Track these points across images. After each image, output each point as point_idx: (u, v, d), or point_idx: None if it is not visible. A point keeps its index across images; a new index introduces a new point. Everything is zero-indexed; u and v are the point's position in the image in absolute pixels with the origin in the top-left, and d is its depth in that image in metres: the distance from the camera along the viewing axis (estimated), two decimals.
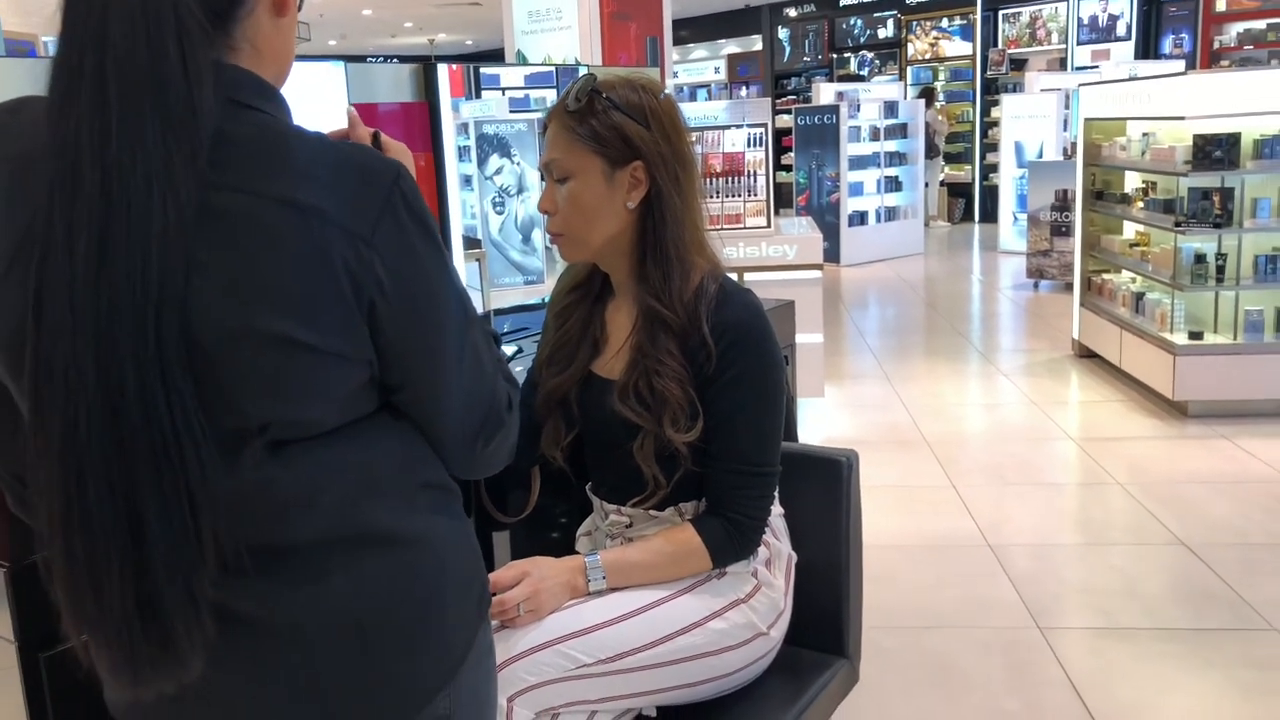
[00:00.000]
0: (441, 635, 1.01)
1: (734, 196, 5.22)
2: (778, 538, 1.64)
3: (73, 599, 0.85)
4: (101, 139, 0.80)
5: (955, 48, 14.21)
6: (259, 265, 0.84)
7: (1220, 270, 4.97)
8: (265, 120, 0.90)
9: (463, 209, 6.93)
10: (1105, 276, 6.06)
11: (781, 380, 1.56)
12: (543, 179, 1.56)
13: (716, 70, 17.80)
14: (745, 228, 5.15)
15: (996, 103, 12.23)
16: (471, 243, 6.29)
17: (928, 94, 13.13)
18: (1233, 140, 4.81)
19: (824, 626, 1.76)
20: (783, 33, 16.33)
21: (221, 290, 0.84)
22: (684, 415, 1.49)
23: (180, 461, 0.83)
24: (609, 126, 1.49)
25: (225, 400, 0.86)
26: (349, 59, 2.68)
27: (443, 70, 2.89)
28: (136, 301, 0.80)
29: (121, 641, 0.85)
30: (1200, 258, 5.00)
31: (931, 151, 12.36)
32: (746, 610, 1.56)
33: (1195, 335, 5.00)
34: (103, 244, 0.80)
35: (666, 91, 1.59)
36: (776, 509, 1.66)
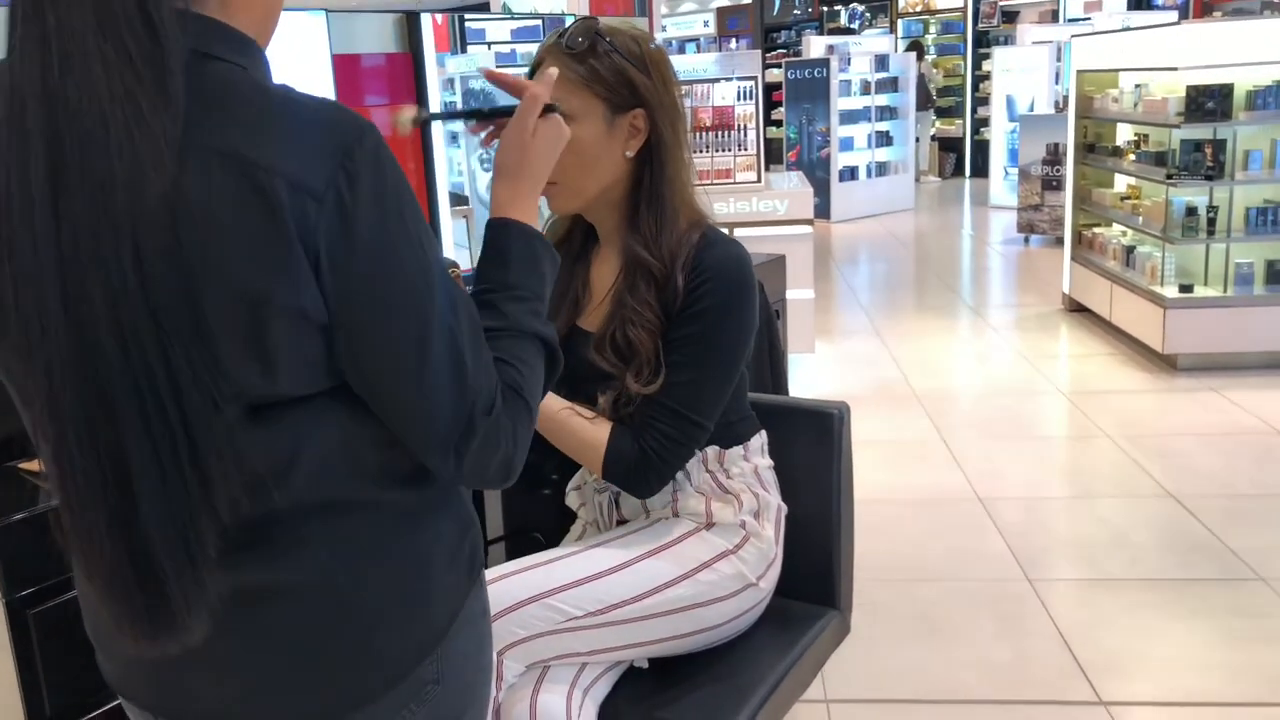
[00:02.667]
0: (427, 601, 0.98)
1: (724, 151, 5.18)
2: (766, 489, 1.63)
3: (73, 549, 0.85)
4: (43, 72, 0.77)
5: (946, 0, 14.06)
6: (210, 219, 0.80)
7: (1211, 223, 4.96)
8: (229, 73, 0.84)
9: (450, 166, 6.86)
10: (1096, 230, 6.05)
11: (742, 339, 1.51)
12: None
13: (705, 24, 17.57)
14: (735, 183, 5.11)
15: (988, 56, 12.14)
16: (458, 200, 6.23)
17: (916, 47, 13.01)
18: (1226, 91, 4.78)
19: (815, 578, 1.76)
20: None
21: (179, 247, 0.80)
22: (649, 368, 1.47)
23: (177, 407, 0.80)
24: (613, 70, 1.45)
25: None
26: (333, 12, 2.63)
27: (426, 20, 2.84)
28: (101, 236, 0.77)
29: (117, 595, 0.84)
30: (1191, 210, 4.98)
31: (927, 102, 12.28)
32: (735, 561, 1.55)
33: (1185, 288, 5.00)
34: (55, 179, 0.77)
35: (656, 42, 1.56)
36: (765, 460, 1.66)
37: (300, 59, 2.88)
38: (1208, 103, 4.79)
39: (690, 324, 1.47)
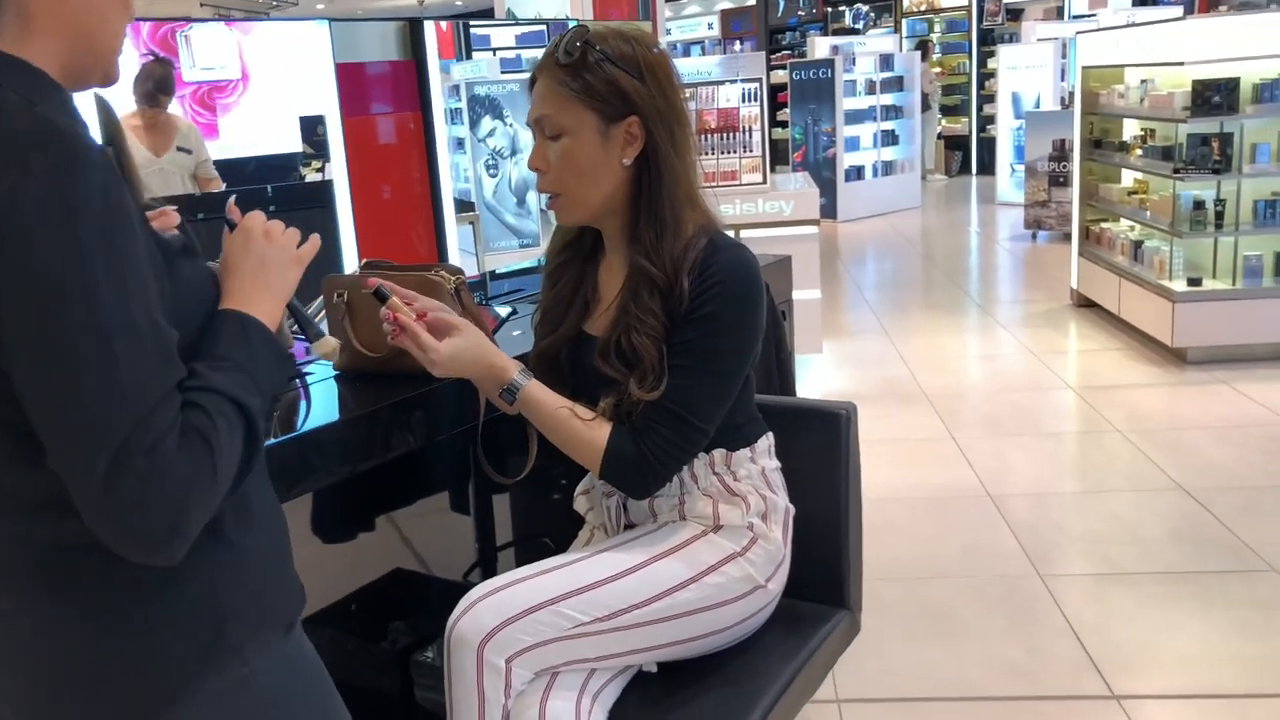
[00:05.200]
0: (114, 683, 0.98)
1: (729, 153, 5.18)
2: (774, 491, 1.63)
3: None
4: None
5: None
6: None
7: (1219, 216, 4.94)
8: None
9: (455, 172, 6.87)
10: (1104, 225, 6.03)
11: (746, 345, 1.51)
12: (533, 136, 1.53)
13: (710, 26, 17.60)
14: (741, 184, 5.12)
15: (993, 54, 12.12)
16: (464, 206, 6.25)
17: (923, 47, 13.01)
18: (1232, 85, 4.76)
19: (824, 578, 1.76)
20: None
21: None
22: (653, 375, 1.46)
23: None
24: (603, 80, 1.45)
25: None
26: (335, 20, 2.64)
27: (430, 28, 2.85)
28: None
29: None
30: (1199, 204, 4.97)
31: (923, 105, 12.29)
32: (743, 563, 1.55)
33: (1194, 282, 4.99)
34: None
35: (660, 45, 1.56)
36: (773, 462, 1.66)
37: (303, 68, 2.91)
38: (1214, 97, 4.78)
39: (694, 328, 1.47)
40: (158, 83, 4.17)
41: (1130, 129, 5.81)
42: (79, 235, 0.86)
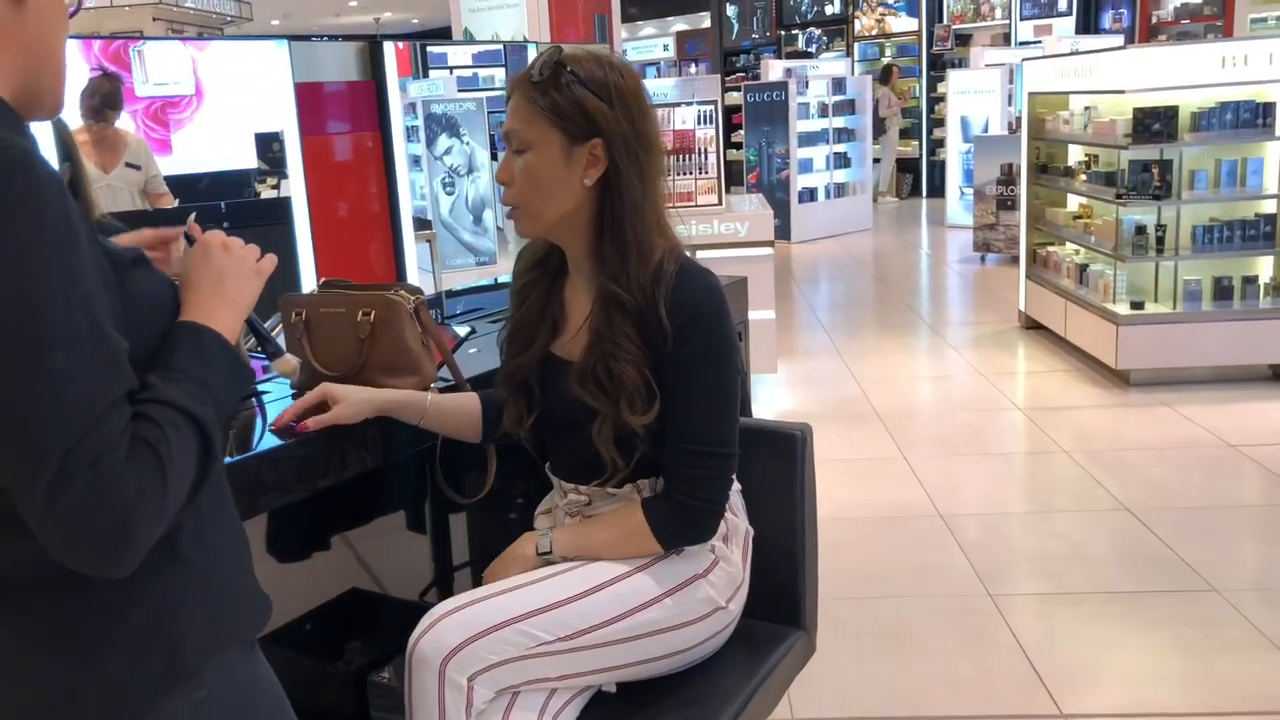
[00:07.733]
0: (68, 711, 0.98)
1: (685, 174, 5.23)
2: (734, 513, 1.65)
3: None
4: None
5: (901, 23, 14.29)
6: None
7: (1160, 241, 5.07)
8: None
9: (412, 190, 6.83)
10: (1050, 249, 6.16)
11: (736, 361, 1.55)
12: (499, 150, 1.55)
13: (665, 48, 17.76)
14: (697, 205, 5.16)
15: (943, 78, 12.34)
16: (422, 224, 6.23)
17: (887, 71, 13.26)
18: (1171, 113, 4.90)
19: (780, 599, 1.78)
20: (731, 9, 16.32)
21: None
22: (640, 398, 1.49)
23: None
24: (571, 101, 1.48)
25: None
26: (293, 39, 2.64)
27: (389, 48, 2.86)
28: None
29: None
30: (1141, 229, 5.09)
31: (880, 129, 12.49)
32: (704, 585, 1.57)
33: (1137, 305, 5.11)
34: None
35: (629, 71, 1.57)
36: (734, 485, 1.67)
37: (262, 87, 2.90)
38: (1154, 124, 4.91)
39: (686, 367, 1.50)
40: (104, 98, 4.10)
41: (1075, 154, 5.95)
42: (18, 245, 0.85)
